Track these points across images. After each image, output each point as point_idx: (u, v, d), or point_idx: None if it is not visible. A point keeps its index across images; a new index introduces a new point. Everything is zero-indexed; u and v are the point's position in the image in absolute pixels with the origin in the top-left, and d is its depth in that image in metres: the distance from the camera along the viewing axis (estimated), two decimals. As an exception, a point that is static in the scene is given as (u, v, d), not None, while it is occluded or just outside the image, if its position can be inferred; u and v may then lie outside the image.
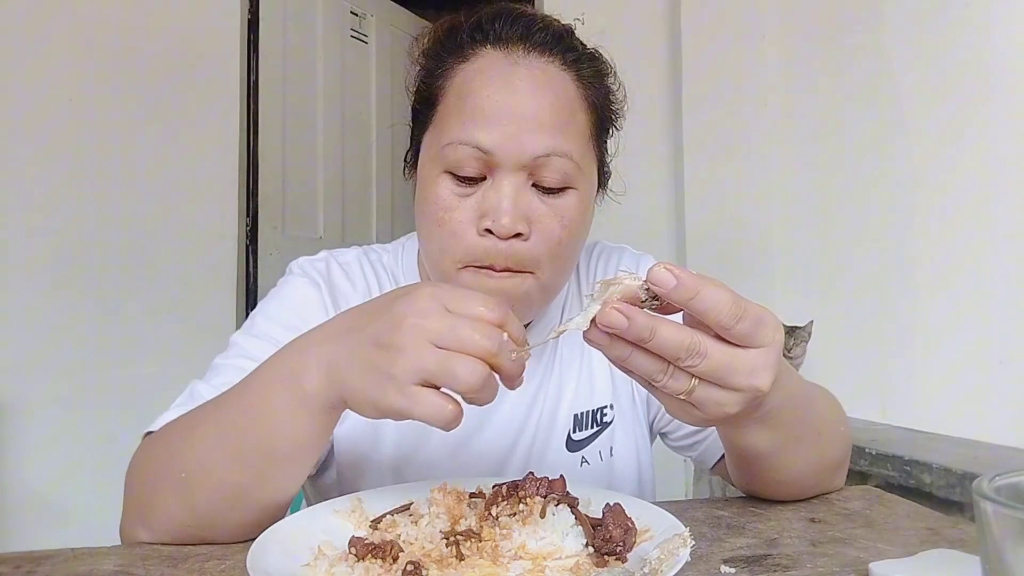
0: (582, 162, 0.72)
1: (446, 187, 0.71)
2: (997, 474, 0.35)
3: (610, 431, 0.85)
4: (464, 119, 0.69)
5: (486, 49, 0.72)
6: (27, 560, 0.59)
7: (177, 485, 0.61)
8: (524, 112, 0.69)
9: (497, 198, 0.69)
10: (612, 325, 0.48)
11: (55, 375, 2.25)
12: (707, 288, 0.48)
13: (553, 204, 0.71)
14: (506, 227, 0.68)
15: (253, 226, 2.57)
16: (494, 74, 0.70)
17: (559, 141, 0.69)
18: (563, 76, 0.72)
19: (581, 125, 0.73)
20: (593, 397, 0.85)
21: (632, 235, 1.33)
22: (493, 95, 0.69)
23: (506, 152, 0.68)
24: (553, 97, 0.70)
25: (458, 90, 0.72)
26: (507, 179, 0.69)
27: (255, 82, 2.57)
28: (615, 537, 0.53)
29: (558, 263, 0.73)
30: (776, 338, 0.51)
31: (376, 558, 0.52)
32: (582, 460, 0.83)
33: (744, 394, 0.51)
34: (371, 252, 0.87)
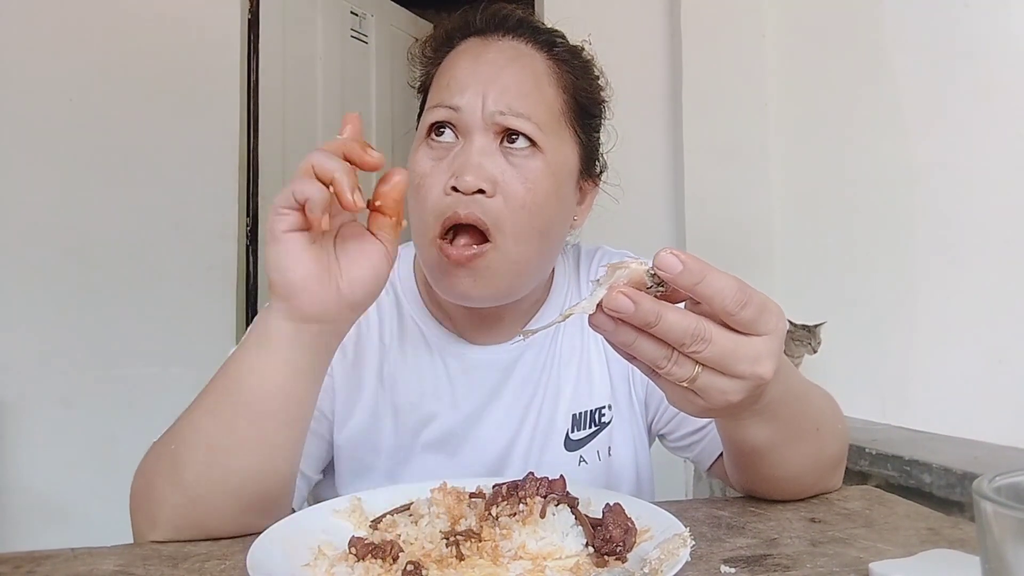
0: (547, 129, 0.75)
1: (423, 153, 0.76)
2: (997, 474, 0.35)
3: (608, 431, 0.86)
4: (442, 88, 0.77)
5: (469, 39, 0.80)
6: (27, 560, 0.59)
7: (169, 464, 0.63)
8: (490, 78, 0.75)
9: (464, 157, 0.73)
10: (618, 309, 0.48)
11: (55, 375, 2.25)
12: (713, 274, 0.48)
13: (519, 164, 0.74)
14: (468, 183, 0.71)
15: (253, 226, 2.57)
16: (469, 53, 0.78)
17: (522, 103, 0.74)
18: (533, 54, 0.79)
19: (549, 98, 0.77)
20: (592, 397, 0.86)
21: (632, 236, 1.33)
22: (465, 65, 0.77)
23: (472, 107, 0.74)
24: (519, 68, 0.76)
25: (441, 71, 0.80)
26: (475, 140, 0.74)
27: (255, 82, 2.57)
28: (615, 537, 0.53)
29: (520, 228, 0.73)
30: (780, 326, 0.52)
31: (376, 558, 0.52)
32: (580, 459, 0.84)
33: (747, 382, 0.51)
34: None
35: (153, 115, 2.37)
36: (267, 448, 0.62)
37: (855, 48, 2.15)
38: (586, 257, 0.94)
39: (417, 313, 0.85)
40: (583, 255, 0.94)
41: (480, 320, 0.83)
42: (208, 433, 0.62)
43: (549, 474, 0.62)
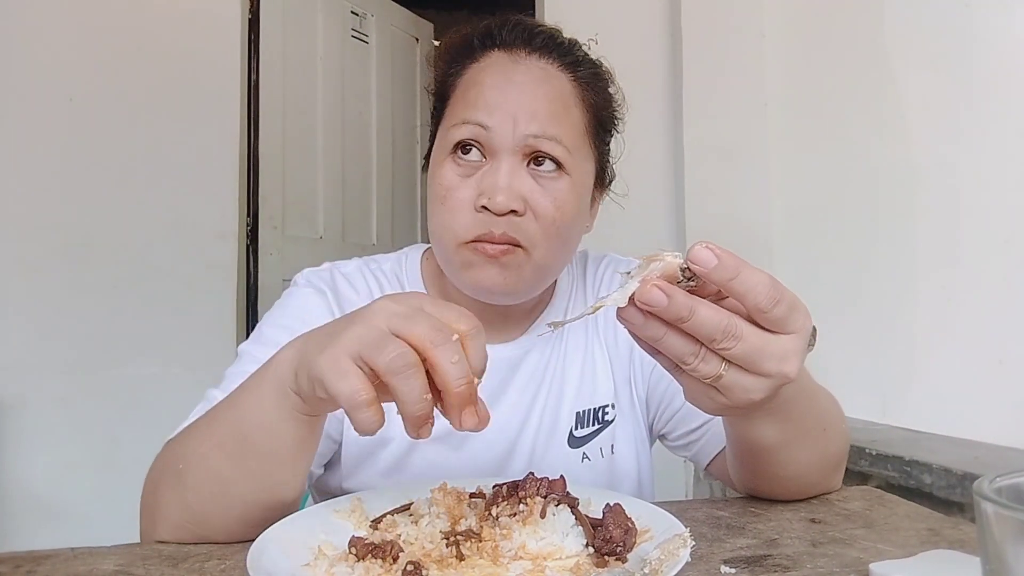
0: (574, 150, 0.77)
1: (450, 168, 0.77)
2: (997, 475, 0.35)
3: (611, 429, 0.87)
4: (469, 104, 0.77)
5: (494, 52, 0.80)
6: (27, 560, 0.59)
7: (174, 479, 0.63)
8: (521, 100, 0.76)
9: (494, 177, 0.74)
10: (652, 303, 0.47)
11: (55, 374, 2.25)
12: (747, 269, 0.48)
13: (547, 186, 0.76)
14: (501, 204, 0.73)
15: (253, 226, 2.57)
16: (498, 70, 0.78)
17: (551, 126, 0.76)
18: (560, 75, 0.79)
19: (575, 119, 0.79)
20: (595, 396, 0.87)
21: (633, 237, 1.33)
22: (495, 84, 0.77)
23: (503, 131, 0.74)
24: (549, 90, 0.77)
25: (466, 84, 0.79)
26: (504, 160, 0.75)
27: (255, 82, 2.57)
28: (615, 537, 0.53)
29: (551, 243, 0.76)
30: (807, 325, 0.51)
31: (376, 558, 0.52)
32: (583, 456, 0.85)
33: (772, 380, 0.51)
34: (371, 262, 0.90)
35: (153, 115, 2.37)
36: (275, 482, 0.62)
37: (855, 48, 2.14)
38: (593, 264, 0.96)
39: None
40: (590, 261, 0.96)
41: (489, 317, 0.83)
42: (215, 465, 0.61)
43: (552, 471, 0.62)
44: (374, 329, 0.49)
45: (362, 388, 0.48)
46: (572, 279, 0.93)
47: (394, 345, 0.48)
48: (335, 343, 0.50)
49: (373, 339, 0.49)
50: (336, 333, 0.52)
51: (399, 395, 0.48)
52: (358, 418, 0.48)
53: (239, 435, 0.60)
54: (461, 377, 0.48)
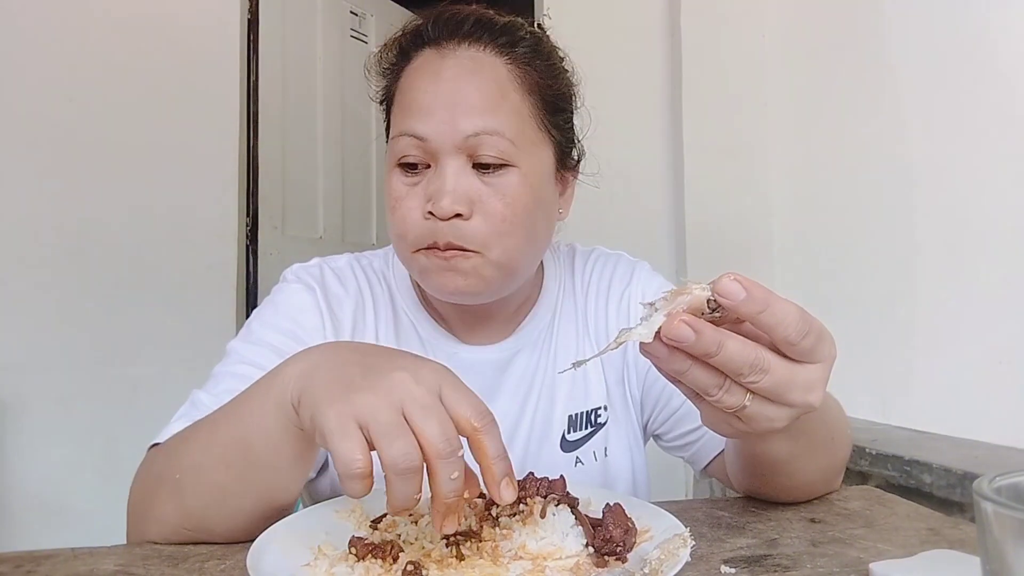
0: (518, 141, 0.74)
1: (397, 179, 0.75)
2: (997, 474, 0.35)
3: (604, 432, 0.86)
4: (404, 114, 0.75)
5: (424, 50, 0.77)
6: (27, 560, 0.59)
7: (172, 487, 0.62)
8: (452, 97, 0.73)
9: (439, 182, 0.72)
10: (680, 339, 0.46)
11: (55, 374, 2.25)
12: (776, 302, 0.47)
13: (494, 183, 0.73)
14: (444, 208, 0.71)
15: (253, 226, 2.57)
16: (427, 69, 0.75)
17: (488, 120, 0.72)
18: (493, 61, 0.75)
19: (515, 104, 0.75)
20: (588, 399, 0.86)
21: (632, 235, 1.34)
22: (425, 87, 0.74)
23: (440, 136, 0.72)
24: (480, 81, 0.74)
25: (401, 88, 0.77)
26: (447, 164, 0.73)
27: (255, 82, 2.57)
28: (615, 537, 0.53)
29: (507, 240, 0.74)
30: (833, 353, 0.51)
31: (376, 558, 0.52)
32: (576, 460, 0.84)
33: (796, 410, 0.50)
34: (362, 258, 0.89)
35: (153, 115, 2.37)
36: (275, 491, 0.61)
37: (855, 48, 2.14)
38: (581, 258, 0.93)
39: (411, 310, 0.85)
40: (578, 256, 0.93)
41: (472, 319, 0.83)
42: (217, 478, 0.60)
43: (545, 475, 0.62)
44: (390, 409, 0.48)
45: (361, 459, 0.47)
46: (559, 276, 0.90)
47: (404, 442, 0.47)
48: (346, 401, 0.49)
49: (386, 423, 0.48)
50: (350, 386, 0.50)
51: (392, 490, 0.48)
52: (349, 486, 0.48)
53: (242, 448, 0.59)
54: (453, 492, 0.49)
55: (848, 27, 2.18)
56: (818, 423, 0.64)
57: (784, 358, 0.49)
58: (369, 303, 0.84)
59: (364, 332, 0.83)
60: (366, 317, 0.83)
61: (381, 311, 0.85)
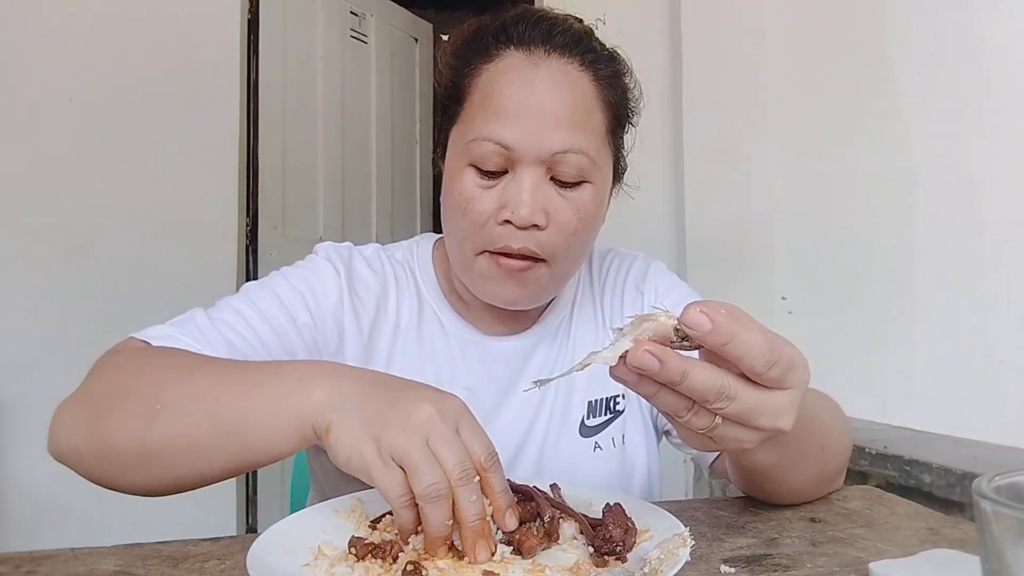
0: (597, 158, 0.76)
1: (470, 179, 0.75)
2: (997, 474, 0.35)
3: (622, 419, 0.87)
4: (488, 117, 0.74)
5: (509, 51, 0.76)
6: (27, 560, 0.59)
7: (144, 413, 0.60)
8: (543, 110, 0.73)
9: (517, 190, 0.73)
10: (643, 367, 0.47)
11: (55, 375, 2.24)
12: (742, 333, 0.47)
13: (570, 197, 0.75)
14: (524, 218, 0.72)
15: (253, 226, 2.57)
16: (516, 75, 0.74)
17: (576, 138, 0.73)
18: (581, 76, 0.76)
19: (597, 123, 0.77)
20: (607, 385, 0.87)
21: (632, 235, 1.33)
22: (515, 94, 0.73)
23: (526, 147, 0.72)
24: (571, 96, 0.74)
25: (483, 89, 0.76)
26: (527, 173, 0.73)
27: (255, 82, 2.57)
28: (615, 537, 0.54)
29: (572, 252, 0.77)
30: (804, 379, 0.51)
31: (376, 558, 0.52)
32: (595, 445, 0.85)
33: (765, 433, 0.51)
34: (386, 249, 0.91)
35: (153, 115, 2.37)
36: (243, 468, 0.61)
37: (855, 48, 2.14)
38: (598, 258, 0.96)
39: (436, 303, 0.87)
40: (595, 256, 0.96)
41: (498, 313, 0.85)
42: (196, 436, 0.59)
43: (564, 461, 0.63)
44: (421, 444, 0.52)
45: (407, 492, 0.51)
46: (579, 273, 0.93)
47: (434, 474, 0.51)
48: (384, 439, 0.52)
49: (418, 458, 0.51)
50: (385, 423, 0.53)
51: (427, 519, 0.51)
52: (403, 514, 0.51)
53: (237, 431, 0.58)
54: (476, 515, 0.51)
55: (848, 28, 2.18)
56: (805, 435, 0.64)
57: (753, 384, 0.49)
58: (393, 290, 0.86)
59: (386, 318, 0.84)
60: (388, 304, 0.85)
61: (405, 299, 0.86)
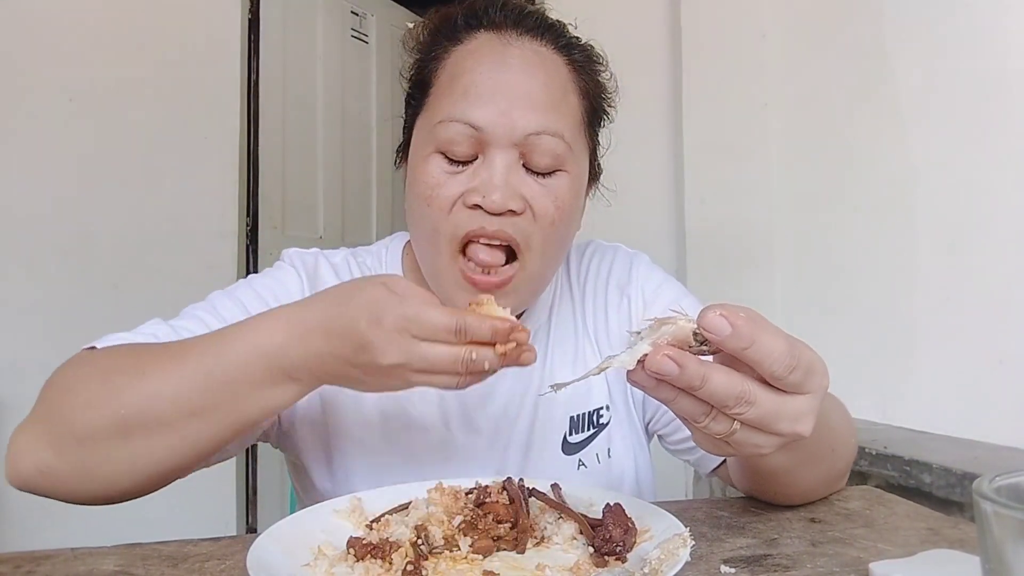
0: (574, 144, 0.72)
1: (436, 165, 0.70)
2: (997, 474, 0.35)
3: (607, 433, 0.83)
4: (456, 97, 0.69)
5: (479, 33, 0.73)
6: (27, 560, 0.59)
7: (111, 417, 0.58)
8: (516, 89, 0.69)
9: (488, 174, 0.68)
10: (663, 372, 0.46)
11: (55, 375, 2.25)
12: (762, 336, 0.46)
13: (546, 184, 0.71)
14: (497, 202, 0.67)
15: (253, 226, 2.57)
16: (486, 53, 0.71)
17: (551, 119, 0.69)
18: (555, 58, 0.73)
19: (573, 107, 0.73)
20: (590, 399, 0.83)
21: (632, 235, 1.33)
22: (485, 72, 0.69)
23: (498, 128, 0.68)
24: (545, 76, 0.70)
25: (451, 71, 0.72)
26: (498, 156, 0.69)
27: (255, 82, 2.57)
28: (615, 537, 0.54)
29: (548, 248, 0.72)
30: (824, 384, 0.50)
31: (376, 558, 0.52)
32: (579, 463, 0.82)
33: (784, 439, 0.50)
34: (357, 255, 0.87)
35: (153, 115, 2.37)
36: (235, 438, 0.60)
37: (855, 48, 2.14)
38: (576, 253, 0.91)
39: None
40: (573, 250, 0.91)
41: None
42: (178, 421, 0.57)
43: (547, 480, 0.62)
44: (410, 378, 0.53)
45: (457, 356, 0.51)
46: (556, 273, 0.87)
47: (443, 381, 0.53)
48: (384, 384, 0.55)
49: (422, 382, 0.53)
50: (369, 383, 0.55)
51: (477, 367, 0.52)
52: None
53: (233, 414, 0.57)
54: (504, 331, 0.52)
55: (848, 27, 2.18)
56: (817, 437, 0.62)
57: (772, 389, 0.48)
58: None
59: None
60: None
61: None
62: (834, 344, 2.09)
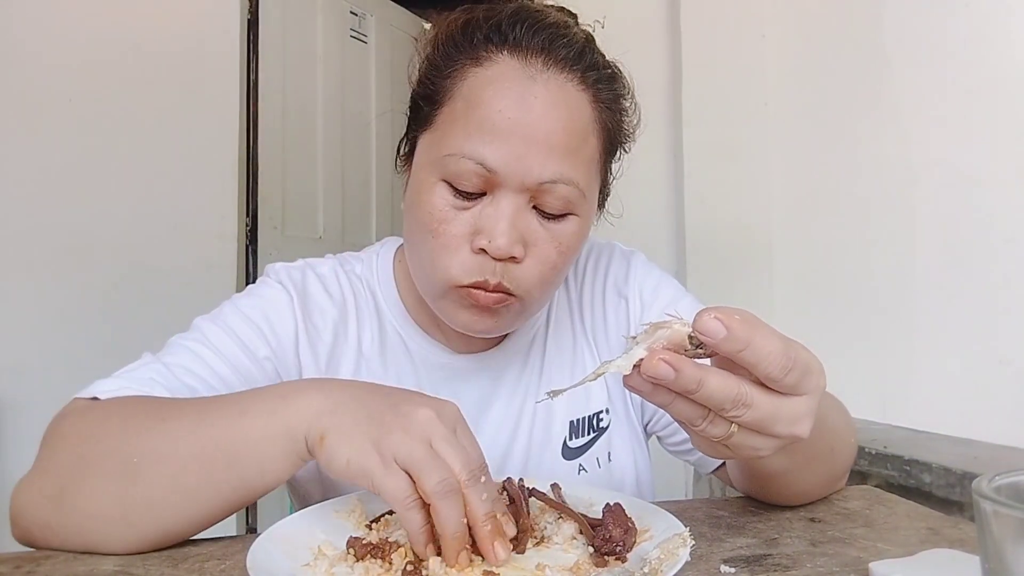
0: (587, 189, 0.69)
1: (442, 197, 0.67)
2: (997, 474, 0.35)
3: (607, 436, 0.83)
4: (471, 131, 0.66)
5: (503, 56, 0.67)
6: (27, 560, 0.59)
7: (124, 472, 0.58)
8: (535, 133, 0.65)
9: (495, 217, 0.66)
10: (659, 376, 0.46)
11: (55, 375, 2.25)
12: (758, 338, 0.46)
13: (552, 229, 0.68)
14: (501, 248, 0.65)
15: (253, 226, 2.57)
16: (509, 86, 0.66)
17: (567, 167, 0.66)
18: (580, 97, 0.68)
19: (591, 150, 0.70)
20: (589, 402, 0.83)
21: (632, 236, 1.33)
22: (505, 110, 0.65)
23: (511, 172, 0.65)
24: (568, 119, 0.66)
25: (467, 97, 0.67)
26: (507, 199, 0.66)
27: (255, 82, 2.57)
28: (615, 537, 0.54)
29: (548, 288, 0.71)
30: (820, 384, 0.50)
31: (376, 558, 0.52)
32: (579, 468, 0.81)
33: (782, 441, 0.50)
34: (345, 263, 0.84)
35: (153, 115, 2.37)
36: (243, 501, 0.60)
37: (855, 48, 2.14)
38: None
39: (399, 322, 0.80)
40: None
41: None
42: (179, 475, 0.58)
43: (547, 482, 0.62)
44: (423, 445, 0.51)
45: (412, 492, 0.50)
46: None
47: (442, 471, 0.50)
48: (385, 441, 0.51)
49: (422, 458, 0.50)
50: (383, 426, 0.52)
51: (442, 518, 0.50)
52: (409, 517, 0.50)
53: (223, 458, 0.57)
54: (489, 513, 0.51)
55: (848, 28, 2.18)
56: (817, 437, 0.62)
57: (769, 391, 0.48)
58: (353, 313, 0.80)
59: (346, 343, 0.79)
60: (348, 329, 0.79)
61: (366, 321, 0.80)
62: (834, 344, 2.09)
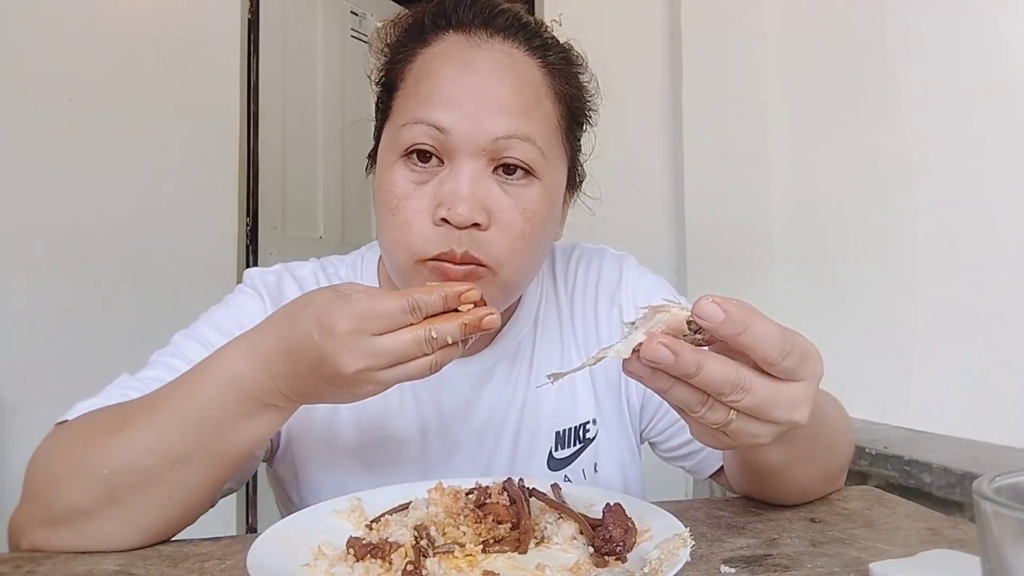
0: (547, 151, 0.68)
1: (401, 174, 0.67)
2: (997, 474, 0.35)
3: (594, 447, 0.82)
4: (421, 99, 0.66)
5: (448, 34, 0.70)
6: (27, 560, 0.59)
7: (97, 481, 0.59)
8: (484, 92, 0.65)
9: (454, 185, 0.65)
10: (658, 360, 0.46)
11: (55, 375, 2.25)
12: (756, 323, 0.46)
13: (515, 194, 0.67)
14: (462, 215, 0.63)
15: (253, 226, 2.57)
16: (454, 55, 0.68)
17: (522, 124, 0.66)
18: (528, 61, 0.69)
19: (547, 112, 0.69)
20: (576, 413, 0.82)
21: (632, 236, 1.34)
22: (452, 75, 0.66)
23: (464, 132, 0.65)
24: (516, 79, 0.67)
25: (417, 73, 0.69)
26: (465, 164, 0.65)
27: (255, 82, 2.57)
28: (615, 537, 0.54)
29: (519, 258, 0.68)
30: (818, 371, 0.50)
31: (375, 558, 0.52)
32: (564, 479, 0.80)
33: (781, 427, 0.50)
34: (328, 265, 0.84)
35: (153, 115, 2.37)
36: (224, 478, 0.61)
37: (855, 48, 2.14)
38: (562, 258, 0.88)
39: None
40: (558, 255, 0.88)
41: None
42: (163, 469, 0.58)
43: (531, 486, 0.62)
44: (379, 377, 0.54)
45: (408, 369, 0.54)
46: (540, 281, 0.84)
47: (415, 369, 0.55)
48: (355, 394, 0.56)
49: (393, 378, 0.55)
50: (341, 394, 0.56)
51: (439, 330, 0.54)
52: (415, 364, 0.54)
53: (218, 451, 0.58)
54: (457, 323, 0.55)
55: (848, 28, 2.18)
56: (815, 431, 0.63)
57: (767, 376, 0.48)
58: None
59: None
60: None
61: None
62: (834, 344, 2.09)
